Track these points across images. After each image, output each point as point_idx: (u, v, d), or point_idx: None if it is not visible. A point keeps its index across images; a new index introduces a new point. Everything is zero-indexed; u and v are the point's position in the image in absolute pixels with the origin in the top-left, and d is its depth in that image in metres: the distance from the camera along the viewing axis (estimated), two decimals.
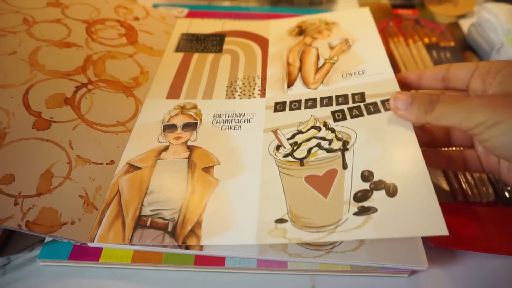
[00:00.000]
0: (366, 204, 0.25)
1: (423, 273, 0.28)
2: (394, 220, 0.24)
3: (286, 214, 0.26)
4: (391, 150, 0.27)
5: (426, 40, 0.48)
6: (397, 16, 0.52)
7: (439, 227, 0.22)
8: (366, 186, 0.26)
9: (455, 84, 0.29)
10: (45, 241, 0.29)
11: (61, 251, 0.28)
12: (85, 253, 0.28)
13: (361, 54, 0.37)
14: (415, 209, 0.24)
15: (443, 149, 0.32)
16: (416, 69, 0.44)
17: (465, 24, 0.51)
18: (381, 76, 0.34)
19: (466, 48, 0.47)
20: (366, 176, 0.26)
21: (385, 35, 0.49)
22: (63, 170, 0.30)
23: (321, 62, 0.38)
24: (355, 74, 0.35)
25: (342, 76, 0.35)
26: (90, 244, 0.27)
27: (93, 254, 0.28)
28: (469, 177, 0.33)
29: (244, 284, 0.27)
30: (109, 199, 0.29)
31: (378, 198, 0.25)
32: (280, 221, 0.26)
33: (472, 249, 0.28)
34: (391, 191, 0.25)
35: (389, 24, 0.51)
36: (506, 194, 0.32)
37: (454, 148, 0.33)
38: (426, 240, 0.28)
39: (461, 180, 0.33)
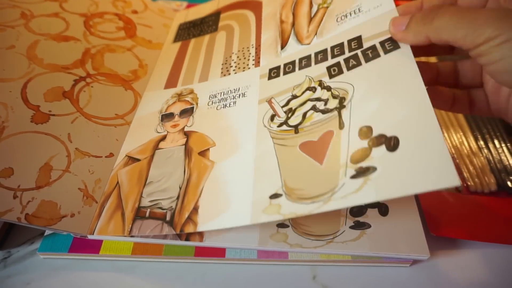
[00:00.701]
0: (364, 164, 0.22)
1: (425, 263, 0.28)
2: (395, 177, 0.21)
3: (280, 187, 0.24)
4: (392, 98, 0.24)
5: None
6: None
7: (449, 177, 0.19)
8: (364, 144, 0.23)
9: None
10: (45, 234, 0.28)
11: (61, 244, 0.28)
12: (85, 245, 0.28)
13: None
14: (420, 161, 0.20)
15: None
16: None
17: None
18: (379, 9, 0.29)
19: None
20: (365, 132, 0.24)
21: None
22: (62, 163, 0.29)
23: (315, 9, 0.35)
24: (350, 14, 0.31)
25: (337, 20, 0.32)
26: (90, 237, 0.27)
27: (93, 247, 0.28)
28: (471, 167, 0.33)
29: (244, 275, 0.27)
30: (108, 192, 0.29)
31: (377, 155, 0.22)
32: (275, 196, 0.24)
33: (474, 238, 0.28)
34: (392, 145, 0.22)
35: None
36: (509, 183, 0.32)
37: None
38: (428, 230, 0.28)
39: (463, 170, 0.33)
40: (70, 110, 0.33)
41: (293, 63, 0.32)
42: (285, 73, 0.31)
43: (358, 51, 0.28)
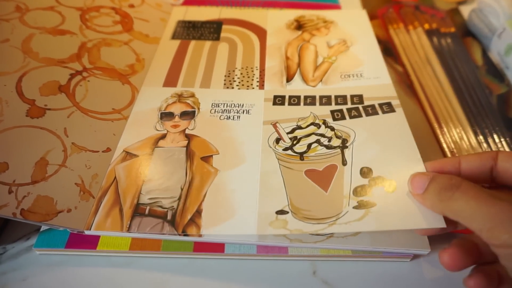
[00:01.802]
0: (365, 198, 0.26)
1: (425, 257, 0.28)
2: (393, 214, 0.24)
3: (286, 206, 0.26)
4: (389, 149, 0.28)
5: (427, 26, 0.47)
6: (397, 3, 0.52)
7: (436, 220, 0.23)
8: (365, 181, 0.26)
9: (506, 180, 0.22)
10: (41, 229, 0.28)
11: (58, 239, 0.27)
12: (82, 241, 0.27)
13: (359, 56, 0.38)
14: (414, 203, 0.24)
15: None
16: (416, 56, 0.44)
17: (465, 10, 0.50)
18: (378, 80, 0.35)
19: (467, 34, 0.47)
20: (365, 172, 0.27)
21: (385, 22, 0.49)
22: (58, 157, 0.29)
23: (320, 60, 0.38)
24: (353, 76, 0.36)
25: (341, 76, 0.36)
26: (87, 232, 0.26)
27: (90, 242, 0.27)
28: None
29: (244, 271, 0.27)
30: (106, 187, 0.29)
31: (377, 193, 0.26)
32: (281, 212, 0.26)
33: None
34: (390, 187, 0.26)
35: (389, 11, 0.50)
36: None
37: None
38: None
39: None
40: (66, 104, 0.32)
41: (298, 97, 0.34)
42: (290, 103, 0.34)
43: (359, 106, 0.32)
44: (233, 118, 0.33)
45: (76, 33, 0.38)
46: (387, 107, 0.32)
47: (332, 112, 0.32)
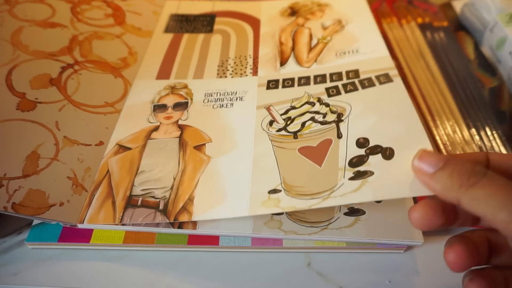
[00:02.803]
0: (362, 168, 0.25)
1: (419, 249, 0.28)
2: (392, 181, 0.23)
3: (279, 184, 0.26)
4: (386, 117, 0.27)
5: (420, 20, 0.47)
6: None
7: None
8: (361, 152, 0.26)
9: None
10: (33, 223, 0.28)
11: (50, 233, 0.27)
12: (75, 235, 0.27)
13: (354, 34, 0.37)
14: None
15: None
16: (410, 50, 0.44)
17: (458, 4, 0.50)
18: (375, 53, 0.34)
19: (459, 28, 0.47)
20: (362, 142, 0.26)
21: (378, 16, 0.49)
22: (50, 151, 0.29)
23: (314, 42, 0.38)
24: (349, 52, 0.35)
25: (336, 55, 0.35)
26: (80, 226, 0.26)
27: (84, 236, 0.27)
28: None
29: (239, 263, 0.27)
30: (98, 180, 0.28)
31: (374, 162, 0.25)
32: (273, 191, 0.25)
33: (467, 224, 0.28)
34: (388, 154, 0.25)
35: (382, 5, 0.50)
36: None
37: None
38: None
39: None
40: (58, 98, 0.32)
41: (292, 79, 0.34)
42: (284, 86, 0.33)
43: (355, 80, 0.32)
44: (226, 106, 0.33)
45: (67, 26, 0.37)
46: (384, 78, 0.31)
47: (327, 89, 0.31)
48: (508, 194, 0.18)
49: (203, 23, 0.42)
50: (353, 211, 0.27)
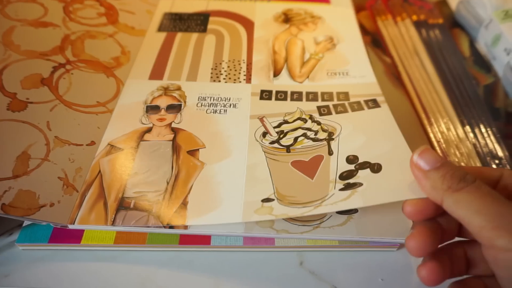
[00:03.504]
0: (351, 181, 0.26)
1: None
2: (380, 189, 0.25)
3: (272, 194, 0.26)
4: (374, 138, 0.29)
5: (415, 17, 0.47)
6: None
7: (422, 192, 0.22)
8: (351, 167, 0.27)
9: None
10: (24, 224, 0.27)
11: (41, 234, 0.27)
12: (66, 235, 0.27)
13: (345, 55, 0.39)
14: (399, 178, 0.24)
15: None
16: (404, 48, 0.43)
17: (453, 1, 0.50)
18: (364, 79, 0.36)
19: (454, 25, 0.47)
20: (351, 159, 0.27)
21: (373, 13, 0.48)
22: (40, 151, 0.28)
23: (307, 56, 0.39)
24: (339, 74, 0.36)
25: (327, 74, 0.37)
26: (70, 226, 0.26)
27: (74, 237, 0.27)
28: (458, 154, 0.33)
29: (231, 263, 0.27)
30: (90, 181, 0.28)
31: (363, 175, 0.26)
32: (267, 200, 0.26)
33: None
34: (376, 168, 0.26)
35: (377, 2, 0.50)
36: (494, 167, 0.32)
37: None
38: None
39: (451, 156, 0.33)
40: (49, 98, 0.32)
41: (285, 92, 0.34)
42: (277, 99, 0.34)
43: (345, 102, 0.33)
44: (220, 112, 0.33)
45: (59, 25, 0.37)
46: (373, 103, 0.32)
47: (319, 107, 0.32)
48: (487, 201, 0.19)
49: (196, 22, 0.42)
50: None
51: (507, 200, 0.19)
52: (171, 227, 0.25)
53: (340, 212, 0.27)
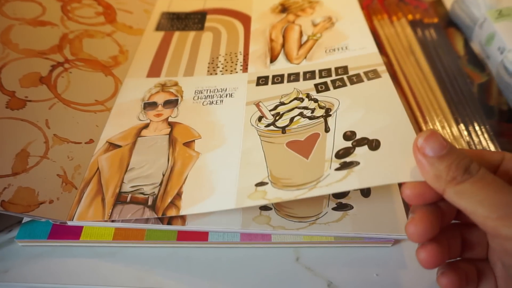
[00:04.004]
0: (348, 159, 0.25)
1: (406, 242, 0.28)
2: (377, 169, 0.23)
3: (266, 177, 0.26)
4: (373, 111, 0.27)
5: (410, 17, 0.47)
6: None
7: (419, 175, 0.21)
8: (348, 144, 0.26)
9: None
10: (23, 221, 0.28)
11: (40, 230, 0.27)
12: (65, 232, 0.27)
13: (344, 31, 0.38)
14: (398, 158, 0.23)
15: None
16: (400, 47, 0.44)
17: (448, 1, 0.51)
18: (364, 50, 0.34)
19: (449, 25, 0.47)
20: (349, 135, 0.26)
21: (369, 13, 0.49)
22: (39, 149, 0.29)
23: (304, 38, 0.38)
24: (338, 49, 0.35)
25: (326, 51, 0.36)
26: (69, 223, 0.26)
27: (73, 233, 0.27)
28: None
29: (228, 259, 0.27)
30: (88, 178, 0.28)
31: (360, 153, 0.25)
32: (260, 184, 0.26)
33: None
34: (374, 145, 0.25)
35: (373, 2, 0.50)
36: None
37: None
38: (409, 209, 0.28)
39: None
40: (48, 96, 0.32)
41: (281, 76, 0.34)
42: (273, 83, 0.33)
43: (344, 76, 0.32)
44: (216, 102, 0.33)
45: (57, 24, 0.37)
46: (372, 74, 0.31)
47: (316, 85, 0.32)
48: (491, 191, 0.18)
49: (194, 20, 0.43)
50: (341, 206, 0.27)
51: (509, 187, 0.18)
52: (169, 222, 0.26)
53: (336, 209, 0.27)
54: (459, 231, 0.23)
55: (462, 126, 0.35)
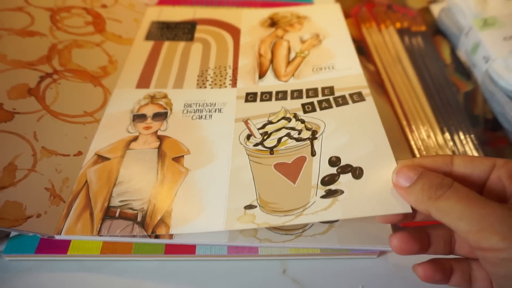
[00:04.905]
0: (333, 187, 0.26)
1: (392, 254, 0.29)
2: (360, 200, 0.24)
3: (255, 200, 0.26)
4: (357, 136, 0.28)
5: (398, 25, 0.48)
6: (370, 1, 0.52)
7: (403, 205, 0.23)
8: (333, 170, 0.27)
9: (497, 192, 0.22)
10: (11, 235, 0.28)
11: (28, 245, 0.27)
12: (52, 246, 0.27)
13: (331, 49, 0.39)
14: (380, 189, 0.24)
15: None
16: (388, 55, 0.44)
17: (436, 9, 0.51)
18: (350, 71, 0.35)
19: (437, 33, 0.48)
20: (334, 161, 0.27)
21: (358, 21, 0.49)
22: (27, 162, 0.29)
23: (292, 55, 0.39)
24: (325, 68, 0.36)
25: (313, 70, 0.36)
26: (57, 237, 0.26)
27: (61, 247, 0.27)
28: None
29: (215, 271, 0.27)
30: (76, 191, 0.28)
31: (344, 181, 0.26)
32: (249, 207, 0.26)
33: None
34: (357, 173, 0.26)
35: (362, 9, 0.51)
36: None
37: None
38: None
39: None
40: (36, 108, 0.32)
41: (270, 93, 0.34)
42: (261, 100, 0.34)
43: (330, 97, 0.33)
44: (205, 117, 0.33)
45: (46, 34, 0.37)
46: (357, 97, 0.32)
47: (303, 105, 0.32)
48: (468, 204, 0.19)
49: (184, 30, 0.43)
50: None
51: (487, 200, 0.19)
52: (157, 236, 0.26)
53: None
54: (445, 230, 0.24)
55: (447, 135, 0.36)
